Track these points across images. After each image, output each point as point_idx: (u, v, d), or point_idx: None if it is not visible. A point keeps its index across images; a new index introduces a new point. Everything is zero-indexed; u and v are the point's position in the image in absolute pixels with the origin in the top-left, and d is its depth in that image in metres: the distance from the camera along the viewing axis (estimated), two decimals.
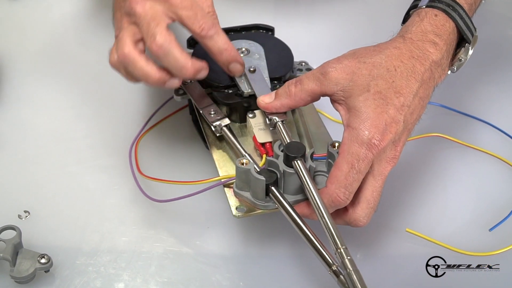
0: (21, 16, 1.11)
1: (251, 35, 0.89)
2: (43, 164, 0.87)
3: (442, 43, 0.72)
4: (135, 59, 0.71)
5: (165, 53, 0.71)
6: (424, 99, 0.71)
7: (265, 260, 0.77)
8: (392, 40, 0.73)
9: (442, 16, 0.73)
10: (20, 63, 1.01)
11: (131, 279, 0.75)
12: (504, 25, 1.13)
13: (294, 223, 0.69)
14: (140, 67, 0.71)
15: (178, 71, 0.72)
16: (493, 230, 0.80)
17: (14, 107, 0.95)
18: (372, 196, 0.70)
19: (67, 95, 0.97)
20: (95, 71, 1.01)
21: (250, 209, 0.73)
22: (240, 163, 0.71)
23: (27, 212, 0.80)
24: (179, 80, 0.74)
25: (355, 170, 0.67)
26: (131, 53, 0.71)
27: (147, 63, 0.72)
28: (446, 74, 0.75)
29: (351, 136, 0.68)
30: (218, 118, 0.79)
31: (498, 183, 0.87)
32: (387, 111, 0.68)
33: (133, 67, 0.72)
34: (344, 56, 0.72)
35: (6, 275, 0.73)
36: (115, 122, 0.93)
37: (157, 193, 0.81)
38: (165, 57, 0.71)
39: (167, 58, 0.71)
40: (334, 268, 0.65)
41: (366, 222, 0.71)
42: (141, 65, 0.71)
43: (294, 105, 0.74)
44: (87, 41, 1.07)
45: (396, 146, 0.70)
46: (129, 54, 0.71)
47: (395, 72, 0.70)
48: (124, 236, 0.79)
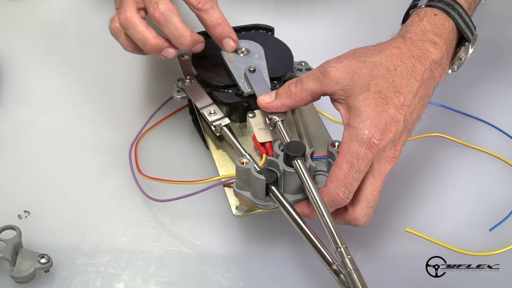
0: (21, 16, 1.11)
1: (251, 35, 0.89)
2: (42, 164, 0.87)
3: (442, 42, 0.72)
4: (135, 23, 0.76)
5: (166, 20, 0.75)
6: (424, 99, 0.71)
7: (265, 260, 0.77)
8: (392, 40, 0.73)
9: (442, 15, 0.73)
10: (20, 63, 1.02)
11: (131, 279, 0.75)
12: (504, 25, 1.13)
13: (294, 222, 0.69)
14: (140, 30, 0.76)
15: (177, 39, 0.76)
16: (493, 230, 0.80)
17: (14, 107, 0.95)
18: (372, 195, 0.70)
19: (67, 95, 0.97)
20: (95, 71, 1.01)
21: (250, 208, 0.73)
22: (240, 163, 0.71)
23: (27, 212, 0.80)
24: (175, 50, 0.78)
25: (354, 169, 0.67)
26: (133, 17, 0.76)
27: (147, 27, 0.76)
28: (446, 73, 0.75)
29: (351, 135, 0.68)
30: (218, 118, 0.79)
31: (498, 183, 0.87)
32: (387, 110, 0.68)
33: (133, 30, 0.76)
34: (344, 55, 0.72)
35: (6, 275, 0.73)
36: (116, 122, 0.93)
37: (157, 192, 0.81)
38: (166, 24, 0.75)
39: (168, 25, 0.75)
40: (335, 267, 0.65)
41: (365, 221, 0.71)
42: (141, 29, 0.76)
43: (295, 105, 0.74)
44: (87, 41, 1.07)
45: (396, 146, 0.70)
46: (131, 18, 0.76)
47: (395, 71, 0.70)
48: (124, 236, 0.79)
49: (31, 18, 1.10)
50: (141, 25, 0.76)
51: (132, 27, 0.76)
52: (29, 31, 1.08)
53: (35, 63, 1.02)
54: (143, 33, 0.76)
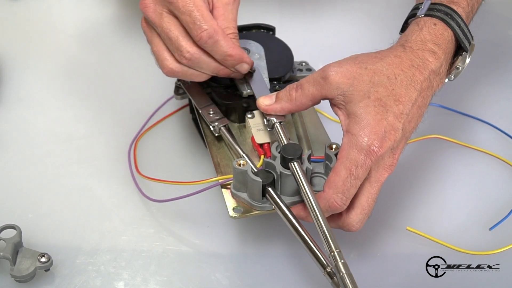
0: (21, 16, 1.11)
1: (252, 34, 0.89)
2: (43, 164, 0.88)
3: (441, 52, 0.72)
4: None
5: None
6: (422, 108, 0.72)
7: (263, 259, 0.77)
8: (393, 49, 0.73)
9: (441, 25, 0.74)
10: (20, 63, 1.02)
11: (131, 278, 0.75)
12: (504, 25, 1.13)
13: (290, 224, 0.69)
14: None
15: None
16: (493, 229, 0.81)
17: (14, 107, 0.95)
18: (367, 202, 0.70)
19: (67, 95, 0.97)
20: (95, 70, 1.01)
21: (247, 210, 0.73)
22: (237, 164, 0.71)
23: None
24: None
25: (353, 176, 0.67)
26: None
27: None
28: (443, 82, 0.75)
29: (350, 142, 0.68)
30: (217, 118, 0.79)
31: (497, 183, 0.87)
32: (386, 118, 0.68)
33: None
34: (346, 60, 0.72)
35: (6, 274, 0.73)
36: (116, 122, 0.93)
37: (157, 192, 0.81)
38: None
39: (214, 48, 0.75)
40: (329, 269, 0.65)
41: (359, 227, 0.71)
42: None
43: (295, 110, 0.74)
44: (87, 41, 1.07)
45: (394, 154, 0.70)
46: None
47: (395, 80, 0.70)
48: (124, 235, 0.79)
49: (31, 18, 1.10)
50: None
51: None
52: (29, 31, 1.08)
53: (35, 63, 1.02)
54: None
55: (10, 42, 1.06)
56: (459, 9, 0.75)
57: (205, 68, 0.75)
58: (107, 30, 0.79)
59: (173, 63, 0.75)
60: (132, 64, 1.01)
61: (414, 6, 0.78)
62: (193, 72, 0.76)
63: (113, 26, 1.04)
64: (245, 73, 0.78)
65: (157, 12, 0.75)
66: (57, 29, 1.09)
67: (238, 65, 0.76)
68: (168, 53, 0.75)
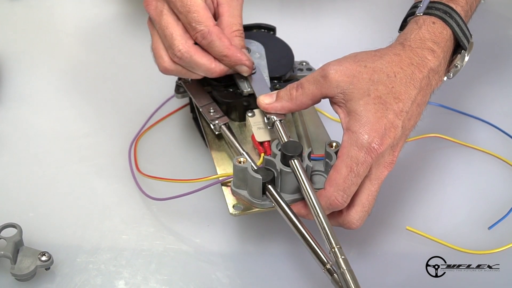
0: (21, 16, 1.11)
1: (252, 34, 0.89)
2: (43, 163, 0.88)
3: (440, 51, 0.73)
4: None
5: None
6: (421, 106, 0.72)
7: (264, 258, 0.77)
8: (392, 47, 0.73)
9: (440, 24, 0.74)
10: (20, 63, 1.02)
11: (131, 277, 0.75)
12: (504, 25, 1.13)
13: (290, 221, 0.69)
14: None
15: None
16: (492, 228, 0.81)
17: (14, 107, 0.95)
18: (368, 199, 0.70)
19: (67, 95, 0.97)
20: (95, 70, 1.01)
21: (247, 207, 0.73)
22: (237, 162, 0.72)
23: None
24: None
25: (353, 173, 0.68)
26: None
27: None
28: (442, 80, 0.75)
29: (351, 139, 0.68)
30: (217, 117, 0.79)
31: (497, 182, 0.87)
32: (386, 116, 0.69)
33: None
34: (345, 58, 0.72)
35: (7, 273, 0.73)
36: (116, 121, 0.93)
37: (157, 191, 0.81)
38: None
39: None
40: (328, 266, 0.65)
41: (359, 225, 0.71)
42: None
43: (295, 109, 0.74)
44: (87, 41, 1.07)
45: (394, 151, 0.70)
46: None
47: (394, 78, 0.70)
48: (124, 234, 0.79)
49: (31, 18, 1.10)
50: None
51: None
52: (29, 31, 1.08)
53: (35, 63, 1.02)
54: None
55: (10, 42, 1.06)
56: (458, 7, 0.75)
57: (196, 68, 0.76)
58: (107, 29, 0.80)
59: (168, 61, 0.76)
60: (133, 63, 1.01)
61: (413, 5, 0.78)
62: (186, 71, 0.77)
63: (113, 26, 1.04)
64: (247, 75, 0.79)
65: (157, 10, 0.75)
66: (58, 28, 1.09)
67: (238, 66, 0.77)
68: (164, 51, 0.76)
